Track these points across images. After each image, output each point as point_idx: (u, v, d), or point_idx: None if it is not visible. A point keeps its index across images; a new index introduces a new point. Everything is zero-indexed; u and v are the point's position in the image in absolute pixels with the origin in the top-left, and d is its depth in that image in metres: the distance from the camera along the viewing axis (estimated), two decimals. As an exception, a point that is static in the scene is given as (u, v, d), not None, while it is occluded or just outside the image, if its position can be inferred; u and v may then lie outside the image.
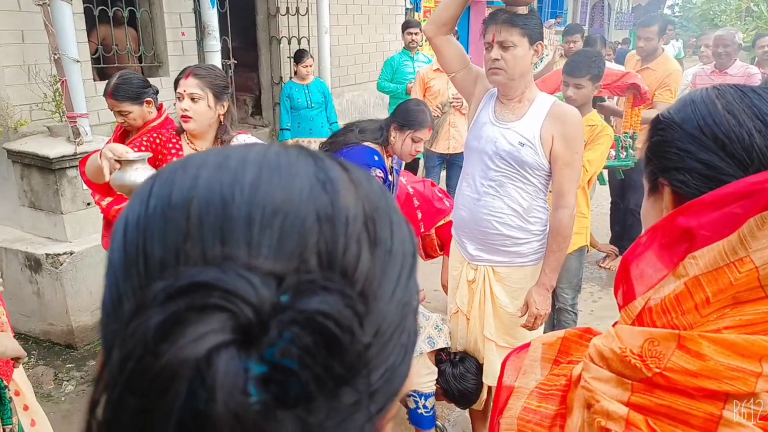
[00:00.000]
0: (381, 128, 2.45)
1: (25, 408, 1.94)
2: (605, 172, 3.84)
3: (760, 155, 0.67)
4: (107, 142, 2.66)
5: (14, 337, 1.90)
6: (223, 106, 2.10)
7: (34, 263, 3.24)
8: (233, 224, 0.32)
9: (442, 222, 2.93)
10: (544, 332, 2.90)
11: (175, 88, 2.11)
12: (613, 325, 0.73)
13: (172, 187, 0.35)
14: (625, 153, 3.69)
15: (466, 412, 2.52)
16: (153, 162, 2.11)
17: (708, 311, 0.63)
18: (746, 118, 0.69)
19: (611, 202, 4.42)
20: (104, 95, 2.64)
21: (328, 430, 0.30)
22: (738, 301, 0.62)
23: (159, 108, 2.72)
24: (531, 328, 2.05)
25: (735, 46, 4.21)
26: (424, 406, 2.29)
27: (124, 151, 1.83)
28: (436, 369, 2.27)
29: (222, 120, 2.12)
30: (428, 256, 3.14)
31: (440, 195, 2.99)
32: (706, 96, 0.74)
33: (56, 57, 3.27)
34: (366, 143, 2.39)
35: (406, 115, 2.39)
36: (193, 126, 2.06)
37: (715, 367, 0.60)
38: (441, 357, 2.30)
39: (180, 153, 2.14)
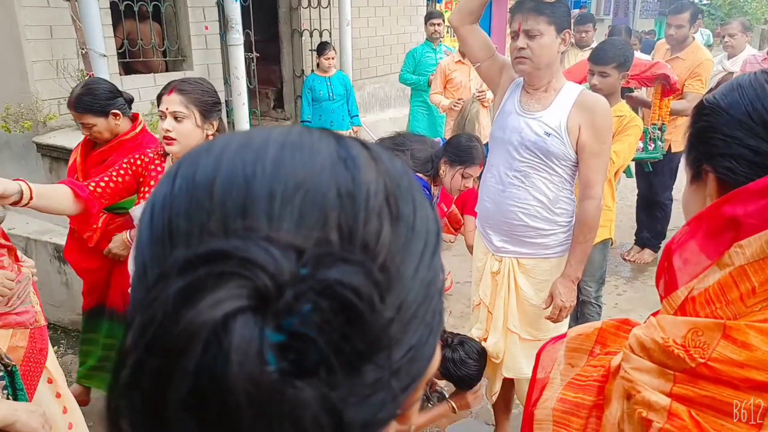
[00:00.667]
0: (431, 160, 2.38)
1: (58, 395, 1.98)
2: (632, 165, 3.78)
3: None
4: (72, 154, 2.62)
5: (47, 325, 1.94)
6: (212, 125, 1.87)
7: (62, 254, 3.30)
8: (255, 200, 0.33)
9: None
10: (569, 326, 2.87)
11: (158, 105, 1.87)
12: (653, 315, 0.72)
13: (196, 168, 0.35)
14: (653, 145, 3.62)
15: (489, 405, 2.51)
16: (135, 185, 2.02)
17: (753, 301, 0.62)
18: None
19: (638, 195, 4.36)
20: (67, 106, 2.43)
21: (350, 407, 0.30)
22: None
23: (134, 118, 2.51)
24: (556, 321, 2.03)
25: None
26: None
27: None
28: None
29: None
30: (455, 229, 3.18)
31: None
32: (754, 80, 0.71)
33: (84, 52, 3.32)
34: (417, 173, 2.31)
35: (458, 151, 2.36)
36: (177, 149, 1.81)
37: (763, 358, 0.58)
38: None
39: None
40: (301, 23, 5.83)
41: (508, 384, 2.27)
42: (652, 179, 4.09)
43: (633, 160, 3.42)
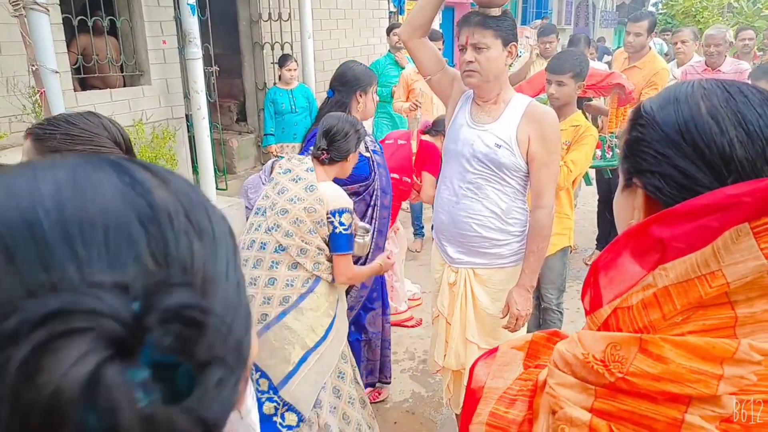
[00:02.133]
0: (343, 104, 2.47)
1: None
2: (591, 172, 3.86)
3: (738, 167, 0.65)
4: None
5: None
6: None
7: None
8: (52, 248, 0.30)
9: None
10: (528, 332, 2.90)
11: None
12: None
13: None
14: (611, 153, 3.70)
15: (453, 416, 2.51)
16: None
17: (673, 314, 0.63)
18: (729, 125, 0.66)
19: (598, 201, 4.44)
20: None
21: (210, 411, 0.31)
22: (702, 305, 0.62)
23: None
24: (513, 330, 2.05)
25: (726, 45, 4.22)
26: (341, 223, 2.02)
27: None
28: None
29: None
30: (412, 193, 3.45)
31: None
32: (691, 95, 0.70)
33: (34, 68, 3.23)
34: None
35: (365, 77, 2.53)
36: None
37: (677, 370, 0.59)
38: None
39: None
40: (262, 36, 5.81)
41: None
42: (611, 185, 4.18)
43: (591, 167, 3.49)
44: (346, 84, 2.52)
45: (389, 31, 5.26)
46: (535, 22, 9.64)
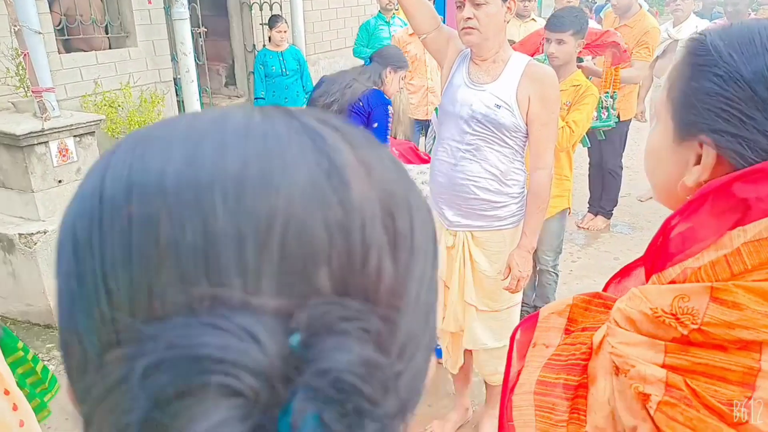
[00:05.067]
0: (371, 74, 2.75)
1: (6, 392, 1.90)
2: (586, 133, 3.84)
3: None
4: None
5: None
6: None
7: (6, 244, 3.17)
8: (220, 246, 0.25)
9: None
10: (526, 294, 2.92)
11: None
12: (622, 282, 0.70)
13: (129, 192, 0.26)
14: (606, 113, 3.67)
15: (449, 376, 2.55)
16: None
17: (742, 273, 0.59)
18: None
19: (589, 164, 4.44)
20: None
21: None
22: None
23: None
24: (514, 291, 2.06)
25: (745, 2, 4.16)
26: None
27: None
28: None
29: None
30: None
31: (423, 157, 3.08)
32: None
33: (16, 29, 3.13)
34: (372, 87, 2.70)
35: (398, 57, 2.86)
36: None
37: (753, 317, 0.56)
38: None
39: None
40: (250, -4, 5.66)
41: (467, 355, 2.31)
42: (602, 147, 4.17)
43: (588, 128, 3.47)
44: (382, 57, 2.84)
45: (380, -10, 5.14)
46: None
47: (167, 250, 0.25)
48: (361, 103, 2.64)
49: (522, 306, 2.35)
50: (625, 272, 0.78)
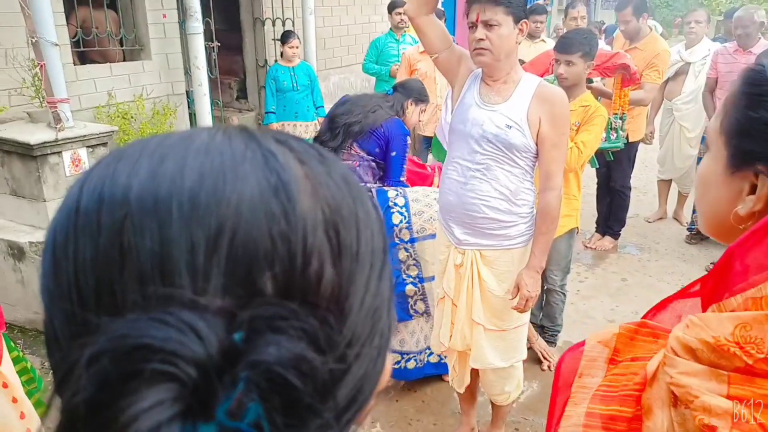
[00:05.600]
0: (394, 103, 2.85)
1: (14, 400, 1.91)
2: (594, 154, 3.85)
3: None
4: None
5: (5, 328, 1.87)
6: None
7: (17, 252, 3.19)
8: (173, 251, 0.28)
9: None
10: (533, 314, 2.91)
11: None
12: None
13: (100, 204, 0.30)
14: (615, 134, 3.68)
15: (455, 394, 2.53)
16: None
17: None
18: None
19: (597, 184, 4.44)
20: None
21: None
22: None
23: None
24: (522, 311, 2.06)
25: (756, 26, 4.18)
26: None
27: None
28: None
29: None
30: None
31: (419, 169, 3.23)
32: None
33: (34, 40, 3.18)
34: (395, 117, 2.81)
35: (421, 91, 2.99)
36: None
37: None
38: None
39: None
40: (263, 12, 5.73)
41: (473, 374, 2.30)
42: (611, 168, 4.17)
43: (596, 149, 3.48)
44: (405, 89, 2.97)
45: (390, 9, 5.19)
46: (536, 2, 9.53)
47: (128, 254, 0.28)
48: (382, 129, 2.74)
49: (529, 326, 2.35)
50: (661, 306, 0.77)
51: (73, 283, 0.30)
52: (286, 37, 4.87)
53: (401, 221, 2.60)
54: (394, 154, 2.77)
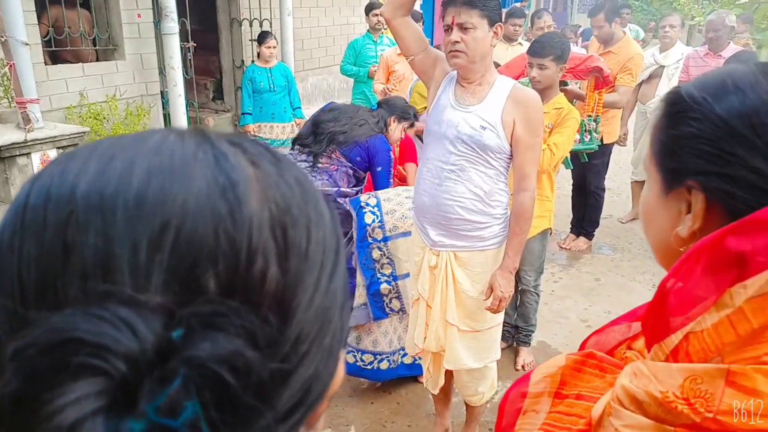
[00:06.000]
0: (379, 119, 2.93)
1: None
2: (569, 156, 3.90)
3: None
4: None
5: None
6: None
7: None
8: (116, 248, 0.28)
9: None
10: (506, 314, 2.94)
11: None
12: (628, 352, 0.63)
13: (47, 201, 0.30)
14: (589, 136, 3.73)
15: (430, 395, 2.54)
16: None
17: (748, 334, 0.55)
18: None
19: (573, 185, 4.50)
20: None
21: None
22: None
23: None
24: (495, 311, 2.07)
25: (727, 30, 4.26)
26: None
27: None
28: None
29: None
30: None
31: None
32: (755, 82, 0.60)
33: (3, 39, 3.13)
34: (380, 133, 2.89)
35: (404, 109, 3.09)
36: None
37: None
38: None
39: None
40: (240, 12, 5.70)
41: (448, 375, 2.31)
42: (585, 170, 4.23)
43: (571, 151, 3.52)
44: (389, 106, 3.06)
45: (368, 10, 5.20)
46: (514, 6, 9.61)
47: (72, 251, 0.28)
48: (366, 144, 2.82)
49: (503, 326, 2.36)
50: (607, 327, 0.75)
51: (16, 279, 0.29)
52: (263, 38, 4.84)
53: (374, 220, 2.62)
54: (380, 169, 2.86)
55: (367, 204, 2.65)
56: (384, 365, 2.73)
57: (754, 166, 0.58)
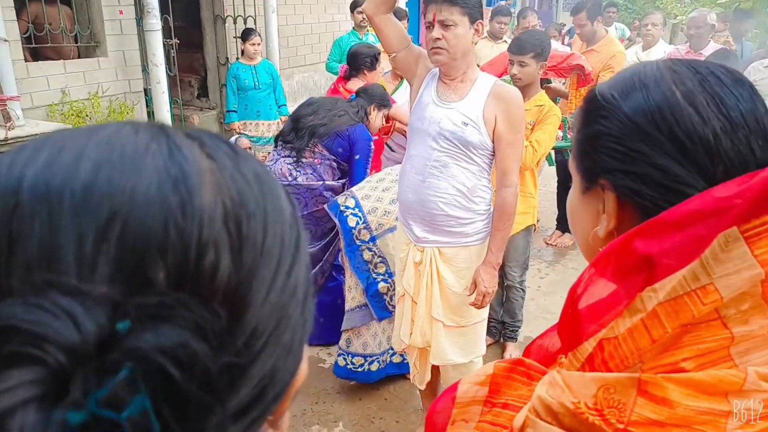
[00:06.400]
0: (359, 109, 2.93)
1: None
2: (552, 153, 3.92)
3: (725, 161, 0.57)
4: None
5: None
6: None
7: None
8: (61, 239, 0.28)
9: None
10: (493, 309, 2.96)
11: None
12: (556, 365, 0.61)
13: None
14: (572, 134, 3.75)
15: (417, 392, 2.55)
16: None
17: (663, 338, 0.53)
18: (711, 113, 0.57)
19: (557, 181, 4.53)
20: None
21: None
22: (694, 325, 0.53)
23: None
24: (479, 307, 2.08)
25: (707, 27, 4.29)
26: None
27: None
28: None
29: None
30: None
31: None
32: (660, 78, 0.60)
33: (-19, 36, 3.08)
34: (359, 122, 2.90)
35: (383, 96, 3.05)
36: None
37: (685, 414, 0.50)
38: None
39: None
40: (224, 9, 5.66)
41: (434, 371, 2.32)
42: (568, 167, 4.25)
43: (553, 148, 3.55)
44: (368, 95, 3.04)
45: (353, 8, 5.19)
46: (500, 4, 9.64)
47: (17, 242, 0.28)
48: (347, 133, 2.84)
49: (490, 322, 2.38)
50: (549, 332, 0.74)
51: None
52: (247, 35, 4.82)
53: (357, 223, 2.62)
54: (357, 157, 2.85)
55: (347, 207, 2.63)
56: (374, 366, 2.73)
57: (659, 163, 0.58)
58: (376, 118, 3.04)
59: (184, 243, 0.29)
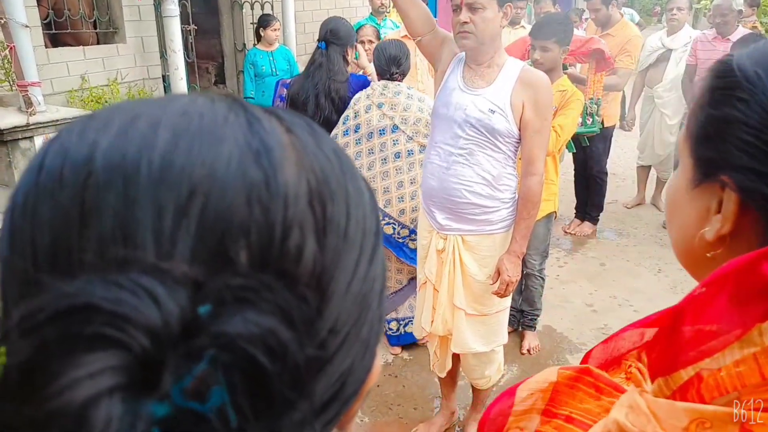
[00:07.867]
0: (336, 63, 2.86)
1: None
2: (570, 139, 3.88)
3: None
4: None
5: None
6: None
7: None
8: (138, 212, 0.26)
9: None
10: (513, 299, 2.93)
11: None
12: (621, 371, 0.56)
13: (64, 160, 0.28)
14: (591, 119, 3.71)
15: (436, 378, 2.55)
16: None
17: None
18: None
19: (575, 169, 4.47)
20: None
21: None
22: None
23: None
24: (502, 295, 2.07)
25: (734, 14, 4.21)
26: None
27: None
28: None
29: None
30: None
31: None
32: None
33: (3, 22, 3.09)
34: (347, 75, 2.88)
35: (349, 32, 2.96)
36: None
37: None
38: None
39: None
40: (241, -5, 5.63)
41: (454, 358, 2.31)
42: (587, 153, 4.21)
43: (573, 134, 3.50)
44: (340, 38, 2.87)
45: (371, -7, 5.13)
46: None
47: (89, 214, 0.26)
48: (350, 95, 2.86)
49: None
50: (615, 336, 0.66)
51: (29, 243, 0.27)
52: (266, 21, 4.79)
53: (394, 229, 2.74)
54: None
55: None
56: (410, 328, 2.82)
57: None
58: (362, 56, 3.10)
59: (268, 222, 0.27)
